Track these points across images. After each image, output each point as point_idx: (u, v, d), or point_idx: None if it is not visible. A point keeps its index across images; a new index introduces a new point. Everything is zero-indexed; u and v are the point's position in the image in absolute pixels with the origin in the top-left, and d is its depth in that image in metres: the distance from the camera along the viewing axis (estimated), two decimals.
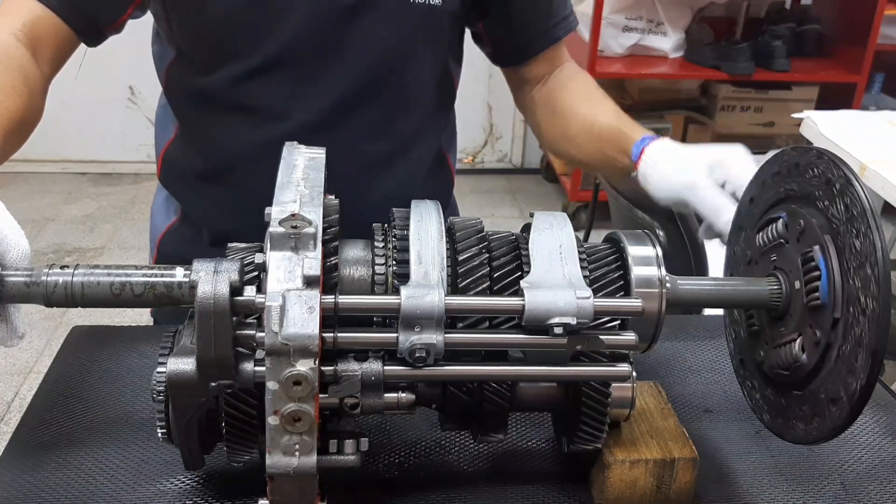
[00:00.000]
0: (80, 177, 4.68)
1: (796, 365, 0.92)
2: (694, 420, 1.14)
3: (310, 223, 0.78)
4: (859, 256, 0.83)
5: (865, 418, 1.16)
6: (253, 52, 1.21)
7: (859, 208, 0.83)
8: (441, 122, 1.41)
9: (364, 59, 1.23)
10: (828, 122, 2.72)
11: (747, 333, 1.01)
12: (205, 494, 0.95)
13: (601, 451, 0.95)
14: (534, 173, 5.00)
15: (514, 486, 1.00)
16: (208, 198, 1.35)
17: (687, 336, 1.35)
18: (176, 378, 0.79)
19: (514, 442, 1.07)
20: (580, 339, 0.84)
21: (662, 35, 4.22)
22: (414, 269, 0.85)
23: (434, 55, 1.30)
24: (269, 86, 1.23)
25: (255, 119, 1.25)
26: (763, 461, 1.07)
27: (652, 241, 0.95)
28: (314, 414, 0.75)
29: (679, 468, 0.95)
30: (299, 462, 0.76)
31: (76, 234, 4.13)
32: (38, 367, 3.08)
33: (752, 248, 1.00)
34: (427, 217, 0.91)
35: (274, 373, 0.74)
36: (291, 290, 0.75)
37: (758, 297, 0.95)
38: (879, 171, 2.28)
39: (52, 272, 0.82)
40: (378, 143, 1.30)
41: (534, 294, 0.82)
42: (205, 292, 0.76)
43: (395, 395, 0.84)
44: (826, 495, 1.02)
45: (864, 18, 4.03)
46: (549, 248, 0.89)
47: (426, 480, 1.01)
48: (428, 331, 0.80)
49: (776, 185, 0.97)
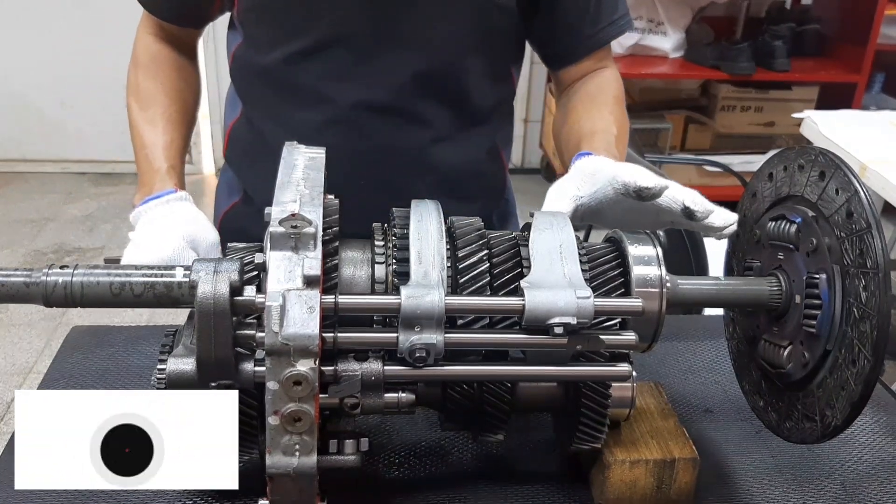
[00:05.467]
0: (80, 177, 4.68)
1: (783, 371, 0.92)
2: (694, 420, 1.14)
3: (310, 223, 0.78)
4: (862, 309, 0.83)
5: (865, 418, 1.16)
6: (307, 32, 1.23)
7: (873, 262, 0.82)
8: (496, 118, 1.40)
9: (417, 47, 1.24)
10: (828, 122, 2.72)
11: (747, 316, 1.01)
12: (205, 494, 0.95)
13: (601, 451, 0.95)
14: (534, 173, 4.99)
15: (514, 486, 1.00)
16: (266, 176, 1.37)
17: (687, 336, 1.35)
18: (176, 378, 0.79)
19: (514, 442, 1.07)
20: (580, 338, 0.84)
21: (663, 35, 4.23)
22: (414, 269, 0.85)
23: (490, 50, 1.30)
24: (322, 66, 1.25)
25: (310, 99, 1.28)
26: (763, 461, 1.07)
27: (652, 240, 0.95)
28: (314, 414, 0.75)
29: (679, 468, 0.95)
30: (299, 462, 0.76)
31: (76, 234, 4.13)
32: (38, 367, 3.07)
33: (761, 229, 1.00)
34: (427, 217, 0.90)
35: (274, 373, 0.74)
36: (291, 290, 0.75)
37: (758, 297, 0.95)
38: (879, 171, 2.28)
39: (52, 272, 0.82)
40: (430, 131, 1.31)
41: (534, 294, 0.82)
42: (205, 292, 0.76)
43: (395, 395, 0.84)
44: (826, 495, 1.02)
45: (864, 18, 4.03)
46: (549, 247, 0.89)
47: (426, 480, 1.01)
48: (428, 331, 0.80)
49: (789, 179, 0.96)
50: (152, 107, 1.31)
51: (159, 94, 1.32)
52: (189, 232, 1.11)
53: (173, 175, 1.23)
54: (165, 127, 1.29)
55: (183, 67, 1.37)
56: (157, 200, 1.16)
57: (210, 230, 1.15)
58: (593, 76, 1.37)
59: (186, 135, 1.34)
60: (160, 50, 1.36)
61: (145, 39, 1.37)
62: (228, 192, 1.49)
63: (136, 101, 1.33)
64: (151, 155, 1.25)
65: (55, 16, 4.32)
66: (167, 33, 1.36)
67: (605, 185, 1.02)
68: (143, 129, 1.30)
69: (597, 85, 1.36)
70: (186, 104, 1.35)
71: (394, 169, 1.29)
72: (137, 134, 1.30)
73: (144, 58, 1.36)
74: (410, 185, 1.27)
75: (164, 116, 1.30)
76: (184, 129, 1.33)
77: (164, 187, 1.19)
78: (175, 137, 1.29)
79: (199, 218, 1.16)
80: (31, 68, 4.45)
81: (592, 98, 1.34)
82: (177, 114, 1.32)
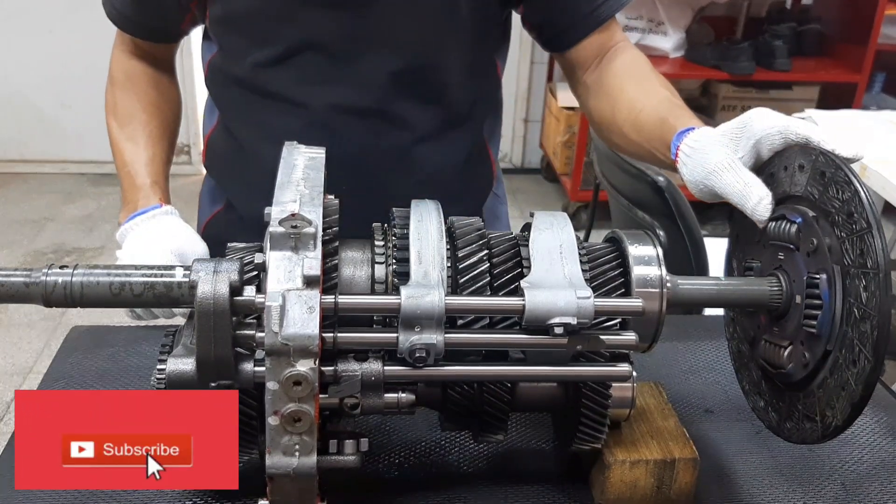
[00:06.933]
0: (79, 177, 4.68)
1: (783, 371, 0.92)
2: (694, 420, 1.14)
3: (310, 223, 0.78)
4: (863, 309, 0.83)
5: (865, 418, 1.16)
6: (277, 39, 1.23)
7: (874, 263, 0.82)
8: (481, 112, 1.38)
9: (390, 47, 1.23)
10: (828, 121, 2.72)
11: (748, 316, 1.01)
12: (205, 494, 0.95)
13: (601, 451, 0.95)
14: (534, 173, 4.99)
15: (514, 486, 1.00)
16: (245, 183, 1.38)
17: (687, 336, 1.35)
18: (176, 378, 0.79)
19: (514, 442, 1.07)
20: (580, 339, 0.84)
21: (663, 35, 4.22)
22: (414, 269, 0.85)
23: (467, 43, 1.27)
24: (295, 72, 1.24)
25: (284, 105, 1.27)
26: (763, 461, 1.07)
27: (652, 240, 0.95)
28: (314, 414, 0.75)
29: (679, 468, 0.95)
30: (299, 462, 0.76)
31: (76, 234, 4.13)
32: (38, 367, 3.07)
33: (761, 229, 0.99)
34: (427, 217, 0.90)
35: (274, 373, 0.74)
36: (291, 290, 0.75)
37: (758, 297, 0.95)
38: (879, 171, 2.28)
39: (52, 272, 0.82)
40: (411, 132, 1.29)
41: (534, 294, 0.82)
42: (205, 292, 0.76)
43: (395, 395, 0.84)
44: (826, 495, 1.02)
45: (864, 18, 4.03)
46: (550, 247, 0.89)
47: (426, 480, 1.01)
48: (428, 331, 0.80)
49: (789, 179, 0.95)
50: (132, 124, 1.31)
51: (138, 111, 1.32)
52: (176, 245, 1.13)
53: (157, 190, 1.24)
54: (146, 143, 1.30)
55: (160, 82, 1.37)
56: (144, 216, 1.18)
57: (197, 242, 1.17)
58: (617, 53, 1.30)
59: (168, 149, 1.35)
60: (135, 66, 1.36)
61: (120, 57, 1.36)
62: (211, 200, 1.49)
63: (115, 120, 1.33)
64: (134, 171, 1.26)
65: (55, 16, 4.32)
66: (142, 50, 1.36)
67: (772, 136, 0.94)
68: (124, 146, 1.30)
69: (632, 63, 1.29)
70: (166, 119, 1.36)
71: (377, 171, 1.28)
72: (118, 151, 1.30)
73: (120, 76, 1.36)
74: (394, 186, 1.25)
75: (144, 133, 1.30)
76: (165, 144, 1.33)
77: (149, 203, 1.21)
78: (157, 153, 1.30)
79: (185, 231, 1.18)
80: (31, 68, 4.46)
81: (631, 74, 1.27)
82: (157, 129, 1.32)
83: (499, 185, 1.51)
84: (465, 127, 1.35)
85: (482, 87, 1.37)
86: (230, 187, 1.44)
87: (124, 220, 1.19)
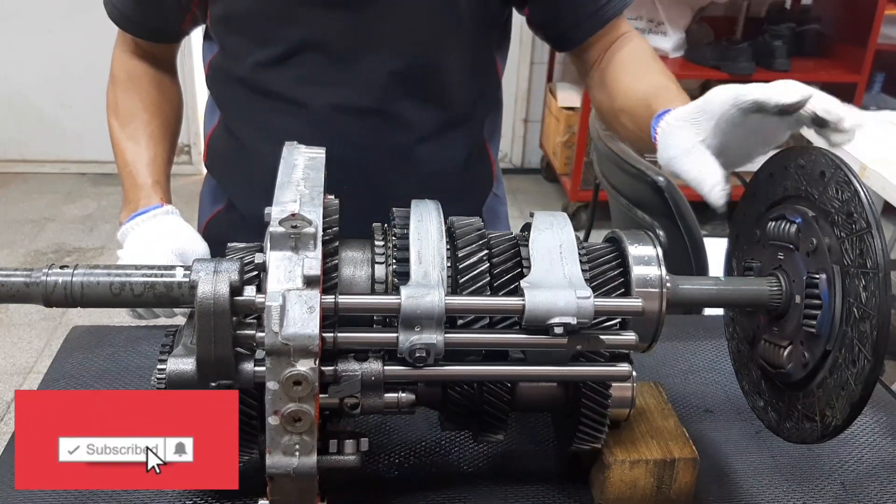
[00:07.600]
0: (80, 177, 4.68)
1: (783, 371, 0.92)
2: (694, 420, 1.14)
3: (310, 223, 0.78)
4: (862, 309, 0.83)
5: (865, 418, 1.16)
6: (278, 39, 1.23)
7: (873, 263, 0.82)
8: (481, 112, 1.38)
9: (391, 47, 1.23)
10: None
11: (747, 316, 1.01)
12: (205, 494, 0.95)
13: (601, 451, 0.95)
14: (534, 173, 4.99)
15: (514, 486, 1.00)
16: (246, 183, 1.38)
17: (687, 336, 1.35)
18: (176, 378, 0.79)
19: (514, 442, 1.07)
20: (580, 338, 0.84)
21: (663, 35, 4.22)
22: (414, 269, 0.85)
23: (467, 42, 1.28)
24: (296, 72, 1.25)
25: (285, 105, 1.27)
26: (763, 461, 1.07)
27: (652, 240, 0.95)
28: (314, 414, 0.75)
29: (679, 468, 0.95)
30: (299, 462, 0.76)
31: (76, 234, 4.13)
32: (38, 367, 3.07)
33: (761, 229, 0.99)
34: (427, 217, 0.90)
35: (274, 373, 0.74)
36: (291, 290, 0.75)
37: (758, 297, 0.95)
38: (879, 171, 2.28)
39: (52, 272, 0.82)
40: (412, 132, 1.30)
41: (534, 294, 0.82)
42: (205, 292, 0.76)
43: (395, 395, 0.84)
44: (826, 495, 1.02)
45: (864, 18, 4.02)
46: (549, 247, 0.89)
47: (426, 480, 1.01)
48: (428, 331, 0.80)
49: (788, 179, 0.96)
50: (133, 123, 1.31)
51: (139, 111, 1.33)
52: (177, 245, 1.14)
53: (158, 190, 1.24)
54: (148, 143, 1.30)
55: (161, 82, 1.38)
56: (144, 216, 1.18)
57: (198, 242, 1.17)
58: (622, 44, 1.30)
59: (169, 149, 1.35)
60: (137, 66, 1.36)
61: (121, 57, 1.37)
62: (212, 200, 1.49)
63: (116, 119, 1.33)
64: (135, 171, 1.26)
65: (55, 16, 4.32)
66: (143, 50, 1.36)
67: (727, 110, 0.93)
68: (125, 146, 1.30)
69: (630, 51, 1.28)
70: (167, 119, 1.36)
71: (377, 171, 1.29)
72: (120, 151, 1.30)
73: (122, 76, 1.36)
74: (394, 186, 1.25)
75: (145, 132, 1.31)
76: (166, 144, 1.33)
77: (150, 202, 1.21)
78: (158, 153, 1.30)
79: (186, 231, 1.18)
80: (31, 68, 4.46)
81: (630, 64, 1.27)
82: (158, 129, 1.32)
83: (499, 185, 1.51)
84: (466, 127, 1.36)
85: (482, 87, 1.37)
86: (231, 187, 1.44)
87: (125, 220, 1.20)
